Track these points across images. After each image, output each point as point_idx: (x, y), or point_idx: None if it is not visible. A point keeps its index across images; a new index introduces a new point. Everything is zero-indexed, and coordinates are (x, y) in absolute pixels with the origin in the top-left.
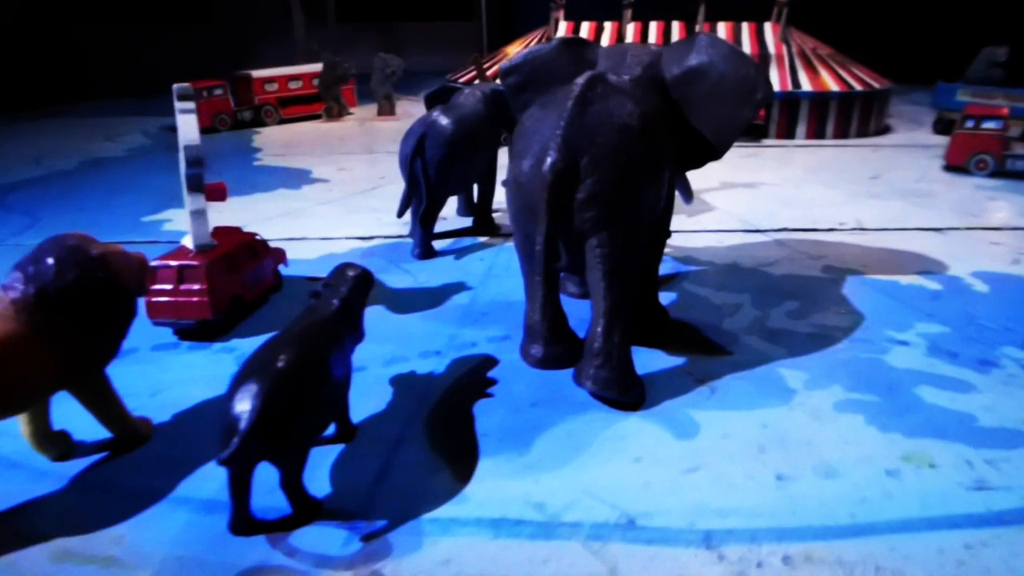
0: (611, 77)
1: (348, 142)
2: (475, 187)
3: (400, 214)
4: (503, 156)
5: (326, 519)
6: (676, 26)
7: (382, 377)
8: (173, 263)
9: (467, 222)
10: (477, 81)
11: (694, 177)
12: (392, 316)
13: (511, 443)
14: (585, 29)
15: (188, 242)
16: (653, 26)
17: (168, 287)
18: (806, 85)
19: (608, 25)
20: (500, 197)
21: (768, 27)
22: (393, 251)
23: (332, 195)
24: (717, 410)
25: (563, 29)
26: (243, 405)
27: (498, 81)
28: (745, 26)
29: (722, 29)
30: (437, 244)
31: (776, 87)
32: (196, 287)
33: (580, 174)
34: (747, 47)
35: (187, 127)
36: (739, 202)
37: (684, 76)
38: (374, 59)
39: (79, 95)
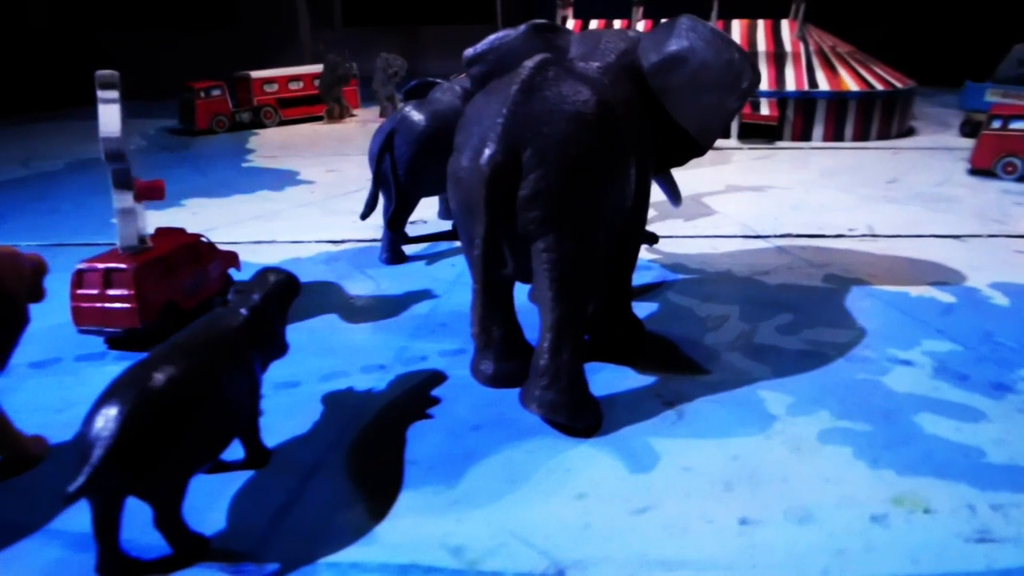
0: (575, 63)
1: (345, 144)
2: None
3: (364, 216)
4: None
5: (211, 560)
6: None
7: (314, 394)
8: (100, 266)
9: (448, 225)
10: None
11: (696, 179)
12: (342, 326)
13: (440, 473)
14: (594, 27)
15: None
16: None
17: (94, 292)
18: (824, 85)
19: (617, 23)
20: None
21: (785, 24)
22: (361, 256)
23: (313, 197)
24: (682, 438)
25: (571, 27)
26: (99, 430)
27: None
28: (761, 23)
29: (736, 27)
30: (410, 249)
31: (792, 87)
32: (123, 292)
33: (523, 168)
34: (762, 45)
35: (108, 118)
36: (742, 206)
37: (663, 64)
38: (376, 59)
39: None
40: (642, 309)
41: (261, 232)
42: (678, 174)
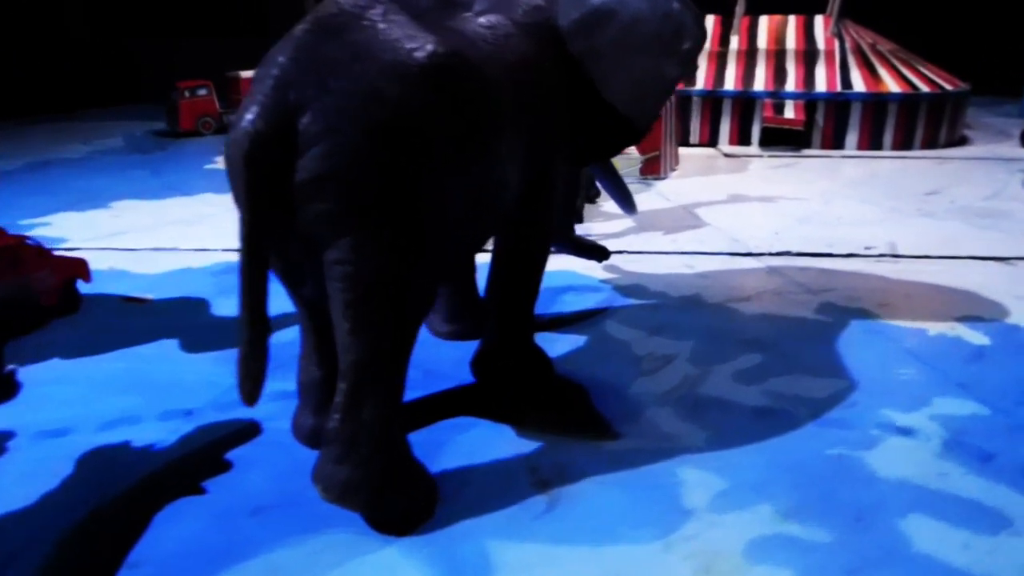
0: (458, 15)
1: None
2: None
3: None
4: None
5: None
6: (711, 20)
7: (79, 448)
8: None
9: None
10: None
11: (695, 188)
12: (176, 355)
13: None
14: None
15: None
16: None
17: None
18: (859, 85)
19: None
20: None
21: (819, 20)
22: None
23: None
24: (542, 543)
25: None
26: None
27: None
28: (792, 19)
29: (764, 22)
30: None
31: (823, 87)
32: None
33: (298, 140)
34: (792, 43)
35: None
36: (740, 217)
37: (584, 20)
38: None
39: (116, 102)
40: (564, 343)
41: (170, 238)
42: (677, 184)
